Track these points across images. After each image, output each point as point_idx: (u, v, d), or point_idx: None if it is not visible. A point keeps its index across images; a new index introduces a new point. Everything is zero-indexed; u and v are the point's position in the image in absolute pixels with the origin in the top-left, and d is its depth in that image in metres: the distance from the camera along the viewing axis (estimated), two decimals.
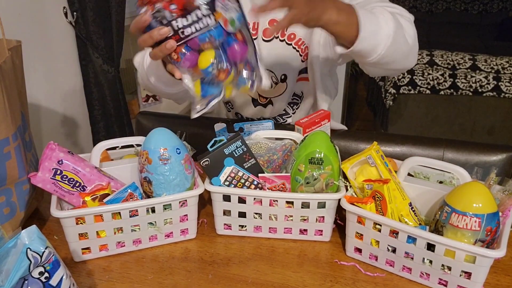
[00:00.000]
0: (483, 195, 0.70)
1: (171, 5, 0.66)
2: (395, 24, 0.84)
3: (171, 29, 0.67)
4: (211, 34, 0.68)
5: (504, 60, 2.57)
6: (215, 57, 0.70)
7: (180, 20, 0.67)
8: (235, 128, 0.91)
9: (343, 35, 0.82)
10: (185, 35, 0.67)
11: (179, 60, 0.71)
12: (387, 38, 0.83)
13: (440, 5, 4.41)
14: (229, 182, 0.82)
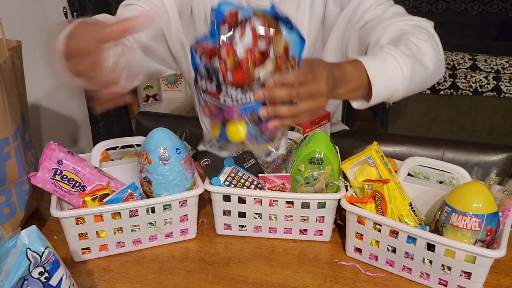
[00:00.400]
0: (483, 195, 0.70)
1: (227, 74, 0.61)
2: (410, 61, 0.79)
3: (216, 88, 0.63)
4: (252, 109, 0.64)
5: (504, 60, 2.57)
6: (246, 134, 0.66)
7: (229, 89, 0.62)
8: None
9: (355, 98, 0.80)
10: (226, 104, 0.63)
11: (209, 116, 0.68)
12: (403, 81, 0.79)
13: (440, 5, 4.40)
14: (229, 182, 0.82)
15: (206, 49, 0.62)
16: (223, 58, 0.60)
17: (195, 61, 0.64)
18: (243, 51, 0.60)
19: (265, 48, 0.61)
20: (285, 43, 0.62)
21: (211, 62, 0.62)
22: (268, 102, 0.64)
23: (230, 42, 0.60)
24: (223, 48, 0.60)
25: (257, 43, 0.60)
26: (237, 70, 0.61)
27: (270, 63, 0.62)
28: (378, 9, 0.92)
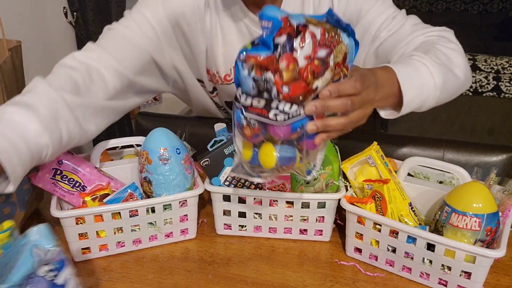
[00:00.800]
0: (483, 195, 0.70)
1: (284, 87, 0.56)
2: (441, 70, 0.77)
3: (266, 104, 0.58)
4: (303, 124, 0.60)
5: (504, 60, 2.57)
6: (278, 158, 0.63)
7: (284, 103, 0.58)
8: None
9: (385, 106, 0.78)
10: (277, 120, 0.59)
11: (250, 137, 0.63)
12: (434, 91, 0.77)
13: (440, 5, 4.40)
14: (229, 182, 0.82)
15: (258, 60, 0.56)
16: (281, 70, 0.55)
17: (240, 74, 0.58)
18: (304, 61, 0.55)
19: (325, 57, 0.56)
20: (345, 51, 0.58)
21: (263, 75, 0.56)
22: (317, 115, 0.60)
23: (291, 51, 0.55)
24: (283, 58, 0.55)
25: (317, 52, 0.56)
26: (295, 82, 0.56)
27: (329, 73, 0.58)
28: (394, 24, 0.88)
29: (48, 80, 0.73)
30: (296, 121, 0.59)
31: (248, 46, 0.59)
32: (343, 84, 0.59)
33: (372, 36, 0.89)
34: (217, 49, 0.95)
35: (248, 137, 0.63)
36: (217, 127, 0.92)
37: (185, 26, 0.88)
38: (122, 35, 0.82)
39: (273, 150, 0.63)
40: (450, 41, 0.86)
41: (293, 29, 0.55)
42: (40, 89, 0.70)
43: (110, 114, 0.78)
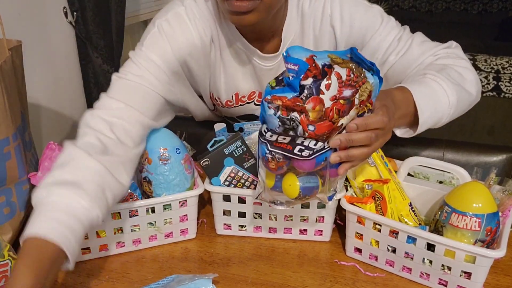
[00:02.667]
0: (483, 195, 0.70)
1: (310, 126, 0.57)
2: (455, 88, 0.78)
3: (291, 140, 0.60)
4: (327, 157, 0.63)
5: (504, 60, 2.57)
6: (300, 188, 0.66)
7: (309, 141, 0.60)
8: (235, 128, 0.91)
9: (401, 125, 0.79)
10: (302, 156, 0.61)
11: (274, 170, 0.65)
12: (449, 109, 0.79)
13: (440, 5, 4.40)
14: (229, 182, 0.82)
15: (285, 102, 0.57)
16: (308, 110, 0.56)
17: (266, 114, 0.59)
18: (329, 102, 0.57)
19: (351, 97, 0.58)
20: (370, 90, 0.60)
21: (289, 115, 0.57)
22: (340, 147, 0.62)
23: (317, 94, 0.56)
24: (310, 101, 0.56)
25: (342, 92, 0.57)
26: (321, 121, 0.57)
27: (354, 111, 0.60)
28: (401, 46, 0.87)
29: (82, 147, 0.73)
30: (321, 155, 0.62)
31: (272, 83, 0.60)
32: (371, 118, 0.61)
33: (379, 61, 0.88)
34: (219, 79, 0.95)
35: (273, 169, 0.65)
36: (217, 127, 0.92)
37: (192, 63, 0.89)
38: (136, 85, 0.82)
39: (296, 180, 0.65)
40: (460, 57, 0.87)
41: (318, 71, 0.56)
42: (79, 161, 0.71)
43: (137, 159, 0.81)
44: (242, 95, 0.99)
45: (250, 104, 1.01)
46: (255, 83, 0.97)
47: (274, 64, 0.93)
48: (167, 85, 0.84)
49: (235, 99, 1.00)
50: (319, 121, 0.57)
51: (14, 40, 0.87)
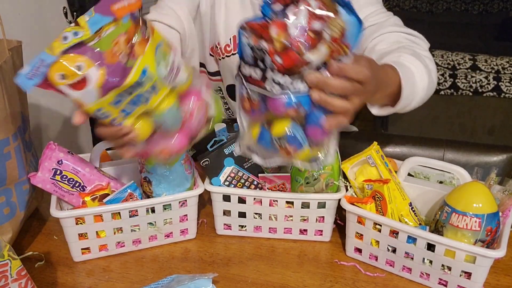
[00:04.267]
0: (483, 195, 0.70)
1: (276, 56, 0.55)
2: (427, 74, 0.79)
3: (261, 75, 0.58)
4: (300, 100, 0.58)
5: (504, 60, 2.57)
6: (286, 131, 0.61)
7: (277, 74, 0.57)
8: (235, 128, 0.90)
9: (382, 103, 0.79)
10: (273, 92, 0.58)
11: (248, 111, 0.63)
12: (421, 92, 0.79)
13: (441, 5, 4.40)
14: (229, 182, 0.82)
15: (254, 27, 0.56)
16: (273, 37, 0.54)
17: (241, 42, 0.58)
18: (296, 30, 0.54)
19: (320, 29, 0.54)
20: (342, 26, 0.55)
21: (259, 43, 0.56)
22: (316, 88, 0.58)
23: (282, 18, 0.54)
24: (274, 24, 0.54)
25: (311, 23, 0.54)
26: (287, 51, 0.54)
27: (324, 47, 0.55)
28: (379, 17, 0.91)
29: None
30: (293, 96, 0.58)
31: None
32: (351, 66, 0.57)
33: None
34: (219, 18, 1.03)
35: (248, 110, 0.63)
36: (217, 127, 0.92)
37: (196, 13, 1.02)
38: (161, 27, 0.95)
39: (287, 123, 0.61)
40: (425, 49, 0.88)
41: (290, 0, 0.55)
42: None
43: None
44: None
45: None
46: None
47: None
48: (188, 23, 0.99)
49: (233, 43, 1.04)
50: (285, 51, 0.54)
51: (14, 40, 0.87)
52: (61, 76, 0.54)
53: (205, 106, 0.68)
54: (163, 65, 0.60)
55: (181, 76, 0.63)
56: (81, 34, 0.54)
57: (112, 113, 0.59)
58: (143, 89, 0.58)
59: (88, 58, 0.54)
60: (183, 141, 0.68)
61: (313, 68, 0.56)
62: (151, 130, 0.64)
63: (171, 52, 0.62)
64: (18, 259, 0.63)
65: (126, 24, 0.56)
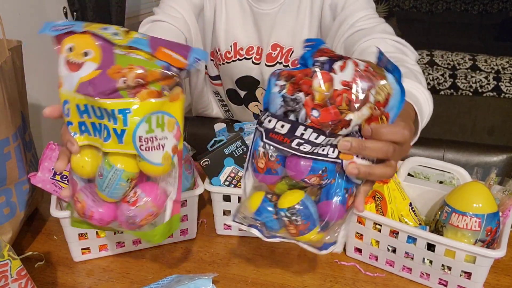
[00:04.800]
0: (483, 195, 0.70)
1: (314, 110, 0.49)
2: (430, 99, 0.72)
3: (290, 129, 0.51)
4: (327, 168, 0.52)
5: (504, 61, 2.57)
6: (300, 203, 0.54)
7: (310, 132, 0.50)
8: (235, 128, 0.90)
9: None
10: (300, 150, 0.51)
11: (261, 171, 0.55)
12: (427, 118, 0.74)
13: (440, 5, 4.41)
14: (229, 182, 0.82)
15: (293, 74, 0.50)
16: (314, 87, 0.49)
17: (270, 92, 0.52)
18: (341, 86, 0.49)
19: (366, 90, 0.49)
20: (388, 92, 0.50)
21: (294, 92, 0.50)
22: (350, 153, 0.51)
23: (328, 70, 0.49)
24: (318, 75, 0.49)
25: (358, 82, 0.49)
26: (327, 105, 0.49)
27: (367, 110, 0.49)
28: (370, 21, 0.90)
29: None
30: (321, 161, 0.52)
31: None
32: (390, 127, 0.51)
33: (348, 26, 0.91)
34: (220, 25, 1.04)
35: (260, 170, 0.55)
36: (217, 127, 0.92)
37: (207, 3, 1.02)
38: (166, 27, 0.95)
39: (303, 195, 0.55)
40: (414, 62, 0.84)
41: (336, 55, 0.51)
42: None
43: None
44: (240, 46, 1.05)
45: (248, 61, 1.06)
46: (254, 35, 1.04)
47: (271, 9, 1.00)
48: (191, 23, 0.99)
49: (234, 50, 1.05)
50: (325, 105, 0.49)
51: (14, 40, 0.87)
52: (70, 48, 0.53)
53: (154, 214, 0.59)
54: (145, 128, 0.53)
55: (155, 157, 0.55)
56: (118, 38, 0.53)
57: (72, 116, 0.55)
58: (110, 125, 0.53)
59: (101, 54, 0.53)
60: (105, 217, 0.59)
61: (349, 131, 0.50)
62: (90, 171, 0.57)
63: (165, 130, 0.55)
64: (18, 259, 0.63)
65: (154, 65, 0.52)
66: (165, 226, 0.61)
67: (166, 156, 0.56)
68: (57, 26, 0.53)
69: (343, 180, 0.53)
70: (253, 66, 1.07)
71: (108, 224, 0.60)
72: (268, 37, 1.03)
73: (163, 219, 0.60)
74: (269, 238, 0.58)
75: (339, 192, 0.53)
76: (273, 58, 1.05)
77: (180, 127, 0.57)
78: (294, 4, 1.00)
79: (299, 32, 1.01)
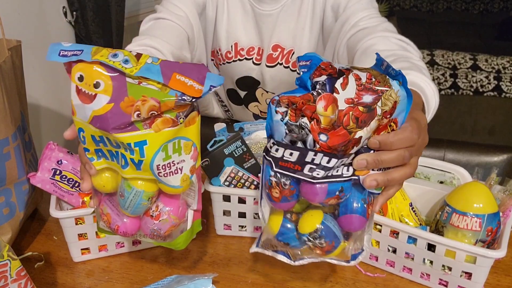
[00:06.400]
0: (483, 195, 0.70)
1: (321, 135, 0.47)
2: (436, 90, 0.70)
3: (300, 156, 0.49)
4: (344, 187, 0.51)
5: (505, 60, 2.57)
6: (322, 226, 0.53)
7: (321, 157, 0.48)
8: (235, 128, 0.90)
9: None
10: (314, 177, 0.50)
11: (277, 200, 0.53)
12: (433, 111, 0.71)
13: (441, 5, 4.40)
14: (229, 182, 0.82)
15: (293, 100, 0.48)
16: (319, 112, 0.47)
17: (273, 120, 0.50)
18: (344, 103, 0.47)
19: (372, 103, 0.47)
20: (395, 99, 0.49)
21: (298, 119, 0.48)
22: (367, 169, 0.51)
23: (330, 91, 0.47)
24: (321, 98, 0.47)
25: (361, 97, 0.47)
26: (334, 128, 0.47)
27: (375, 122, 0.48)
28: (372, 21, 0.90)
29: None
30: (335, 183, 0.51)
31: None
32: (397, 135, 0.50)
33: (350, 26, 0.91)
34: (222, 24, 1.04)
35: (276, 200, 0.53)
36: (217, 127, 0.91)
37: (209, 3, 1.02)
38: (168, 24, 0.95)
39: (322, 216, 0.54)
40: (418, 59, 0.82)
41: (335, 71, 0.48)
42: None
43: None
44: (241, 47, 1.04)
45: (249, 61, 1.06)
46: (255, 35, 1.04)
47: (273, 10, 1.00)
48: (192, 28, 0.98)
49: (234, 51, 1.05)
50: (332, 128, 0.47)
51: (14, 40, 0.87)
52: (80, 76, 0.51)
53: (177, 225, 0.62)
54: (162, 157, 0.54)
55: (173, 180, 0.56)
56: (128, 66, 0.50)
57: (88, 144, 0.56)
58: (127, 154, 0.53)
59: (111, 86, 0.51)
60: (130, 230, 0.61)
61: (359, 147, 0.49)
62: (111, 188, 0.59)
63: (182, 154, 0.56)
64: (17, 259, 0.63)
65: (168, 96, 0.51)
66: (187, 233, 0.64)
67: (184, 178, 0.57)
68: (65, 50, 0.51)
69: (359, 192, 0.53)
70: (254, 67, 1.07)
71: (133, 235, 0.63)
72: (269, 38, 1.03)
73: (186, 227, 0.63)
74: (296, 261, 0.57)
75: (357, 204, 0.53)
76: (273, 59, 1.05)
77: (198, 147, 0.57)
78: (296, 6, 0.99)
79: (300, 33, 1.01)
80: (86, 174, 0.59)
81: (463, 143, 1.13)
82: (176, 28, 0.95)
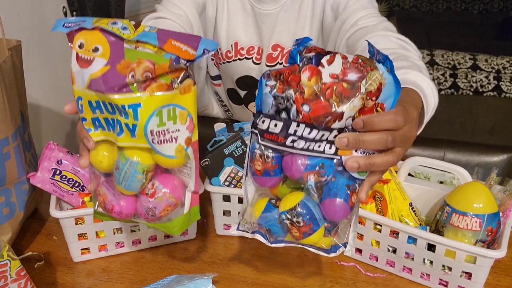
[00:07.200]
0: (483, 195, 0.70)
1: (304, 105, 0.49)
2: (435, 89, 0.71)
3: (283, 127, 0.51)
4: (325, 164, 0.51)
5: (505, 60, 2.56)
6: (300, 204, 0.54)
7: (303, 128, 0.50)
8: (235, 128, 0.90)
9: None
10: (294, 147, 0.51)
11: (259, 173, 0.55)
12: (432, 111, 0.72)
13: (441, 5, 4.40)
14: (229, 182, 0.82)
15: (281, 71, 0.50)
16: (303, 82, 0.49)
17: (262, 93, 0.52)
18: (330, 79, 0.48)
19: (356, 81, 0.49)
20: (380, 81, 0.49)
21: (284, 91, 0.50)
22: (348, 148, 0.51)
23: (316, 64, 0.49)
24: (306, 69, 0.49)
25: (347, 73, 0.49)
26: (317, 99, 0.48)
27: (359, 101, 0.49)
28: (372, 20, 0.90)
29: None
30: (317, 157, 0.51)
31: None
32: (380, 115, 0.50)
33: (349, 25, 0.91)
34: (222, 24, 1.04)
35: (257, 172, 0.54)
36: (217, 127, 0.92)
37: (209, 3, 1.02)
38: (168, 23, 0.95)
39: (303, 196, 0.54)
40: (418, 59, 0.82)
41: (324, 51, 0.50)
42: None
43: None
44: (241, 46, 1.05)
45: (249, 61, 1.06)
46: (255, 35, 1.04)
47: (273, 10, 1.00)
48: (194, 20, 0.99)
49: (234, 50, 1.05)
50: (315, 99, 0.48)
51: (14, 40, 0.87)
52: (81, 44, 0.53)
53: (173, 205, 0.60)
54: (156, 122, 0.53)
55: (168, 149, 0.55)
56: (126, 33, 0.52)
57: (86, 112, 0.56)
58: (122, 119, 0.53)
59: (109, 50, 0.52)
60: (125, 210, 0.60)
61: (343, 124, 0.50)
62: (108, 165, 0.58)
63: (177, 123, 0.55)
64: (17, 259, 0.63)
65: (163, 59, 0.52)
66: (184, 217, 0.62)
67: (179, 148, 0.56)
68: (69, 22, 0.54)
69: (343, 177, 0.53)
70: (254, 66, 1.07)
71: (128, 217, 0.62)
72: (269, 38, 1.03)
73: (182, 211, 0.61)
74: (273, 243, 0.57)
75: (340, 189, 0.53)
76: (273, 58, 1.05)
77: (194, 119, 0.57)
78: (295, 5, 1.00)
79: (300, 33, 1.01)
80: (84, 151, 0.59)
81: (463, 143, 1.13)
82: (176, 28, 0.95)
